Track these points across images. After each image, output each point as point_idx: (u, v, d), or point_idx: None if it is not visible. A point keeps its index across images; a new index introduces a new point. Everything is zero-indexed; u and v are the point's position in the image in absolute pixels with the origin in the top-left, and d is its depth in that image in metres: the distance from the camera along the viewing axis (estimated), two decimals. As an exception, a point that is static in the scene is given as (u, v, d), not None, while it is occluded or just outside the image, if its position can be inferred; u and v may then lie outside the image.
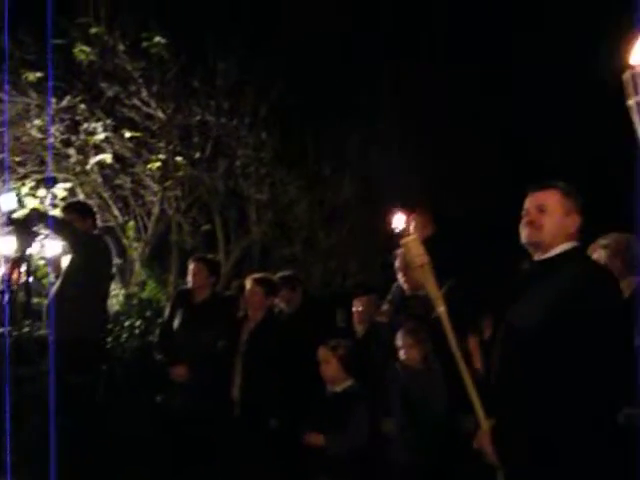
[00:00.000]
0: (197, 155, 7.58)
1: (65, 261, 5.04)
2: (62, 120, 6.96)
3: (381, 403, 3.82)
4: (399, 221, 2.57)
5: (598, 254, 3.01)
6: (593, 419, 2.08)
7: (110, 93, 7.13)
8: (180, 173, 7.49)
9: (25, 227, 5.21)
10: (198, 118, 7.54)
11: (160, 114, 7.34)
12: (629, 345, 2.14)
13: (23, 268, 5.38)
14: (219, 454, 4.47)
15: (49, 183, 6.55)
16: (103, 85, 7.09)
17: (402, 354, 3.75)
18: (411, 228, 4.65)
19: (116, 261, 6.95)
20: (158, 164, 7.29)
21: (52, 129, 6.95)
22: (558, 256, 2.31)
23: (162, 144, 7.37)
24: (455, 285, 3.64)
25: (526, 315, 2.27)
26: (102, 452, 4.52)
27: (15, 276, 5.32)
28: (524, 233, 2.38)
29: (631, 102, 1.73)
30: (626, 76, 1.74)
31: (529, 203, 2.39)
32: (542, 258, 2.36)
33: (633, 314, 2.46)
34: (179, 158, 7.44)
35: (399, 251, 3.90)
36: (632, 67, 1.73)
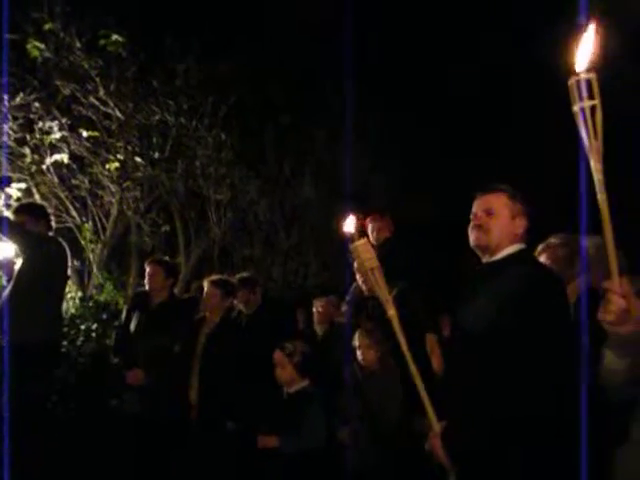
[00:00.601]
0: (156, 155, 7.48)
1: (18, 264, 4.92)
2: (15, 118, 6.78)
3: (339, 404, 3.84)
4: (350, 224, 2.58)
5: (544, 256, 3.06)
6: (540, 417, 2.12)
7: (66, 91, 6.97)
8: (139, 174, 7.38)
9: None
10: (157, 118, 7.44)
11: (118, 113, 7.21)
12: (572, 343, 2.18)
13: (-26, 271, 5.22)
14: (176, 457, 4.44)
15: (3, 183, 6.38)
16: (59, 83, 6.93)
17: (359, 354, 3.78)
18: (368, 231, 4.70)
19: (73, 263, 6.82)
20: (116, 164, 7.17)
21: (5, 127, 6.77)
22: (505, 258, 2.36)
23: (120, 144, 7.24)
24: (407, 287, 3.67)
25: (474, 317, 2.31)
26: (57, 458, 4.42)
27: (-35, 279, 5.16)
28: (472, 236, 2.42)
29: (576, 108, 1.77)
30: (570, 82, 1.77)
31: (477, 207, 2.43)
32: (490, 261, 2.40)
33: (576, 316, 2.51)
34: (138, 158, 7.33)
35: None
36: (576, 74, 1.77)
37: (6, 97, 6.66)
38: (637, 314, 1.68)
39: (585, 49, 1.72)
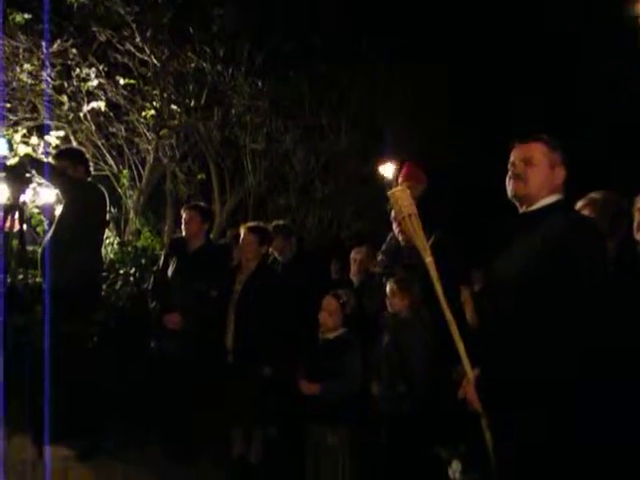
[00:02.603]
0: (192, 103, 7.47)
1: (59, 209, 5.02)
2: (53, 65, 6.81)
3: (373, 354, 3.87)
4: (388, 171, 2.56)
5: (587, 210, 3.00)
6: (577, 364, 2.11)
7: (102, 38, 6.96)
8: (175, 121, 7.40)
9: (18, 174, 5.16)
10: (193, 65, 7.39)
11: (154, 60, 7.19)
12: (606, 295, 2.15)
13: (16, 216, 5.33)
14: (213, 400, 4.56)
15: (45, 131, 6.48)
16: (95, 29, 6.91)
17: (389, 303, 3.79)
18: (401, 179, 4.65)
19: (111, 210, 6.94)
20: (152, 112, 7.20)
21: (44, 74, 6.81)
22: (543, 208, 2.32)
23: (156, 91, 7.25)
24: (443, 236, 3.65)
25: (511, 265, 2.29)
26: (96, 400, 4.59)
27: (8, 224, 5.28)
28: (510, 186, 2.38)
29: None
30: None
31: (515, 156, 2.39)
32: (528, 210, 2.36)
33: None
34: (174, 106, 7.34)
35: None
36: None
37: (44, 44, 6.69)
38: None
39: None
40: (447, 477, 3.29)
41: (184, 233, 4.80)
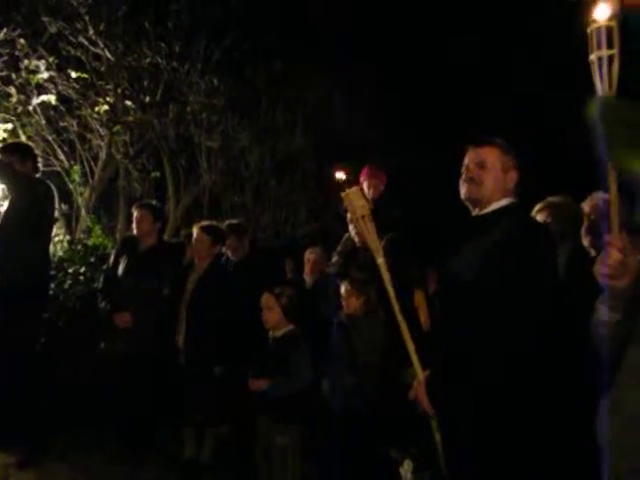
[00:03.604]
0: (147, 99, 7.32)
1: (5, 205, 4.87)
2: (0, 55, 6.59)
3: (326, 354, 3.88)
4: (342, 173, 2.56)
5: (543, 214, 3.07)
6: (526, 366, 2.15)
7: (53, 29, 6.76)
8: (129, 117, 7.24)
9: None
10: (148, 61, 7.25)
11: (108, 55, 7.02)
12: (552, 298, 2.20)
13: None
14: (164, 400, 4.50)
15: None
16: (45, 19, 6.71)
17: (344, 303, 3.80)
18: (363, 183, 4.69)
19: (61, 207, 6.76)
20: (106, 107, 7.03)
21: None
22: (495, 211, 2.37)
23: (110, 86, 7.08)
24: (397, 238, 3.68)
25: (463, 268, 2.32)
26: (41, 403, 4.46)
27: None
28: (464, 189, 2.41)
29: (592, 57, 1.76)
30: (590, 30, 1.76)
31: (469, 159, 2.42)
32: (480, 213, 2.40)
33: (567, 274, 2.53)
34: (128, 102, 7.18)
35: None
36: (596, 21, 1.75)
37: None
38: (633, 269, 1.71)
39: None
40: (398, 477, 3.31)
41: (135, 232, 4.73)
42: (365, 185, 4.69)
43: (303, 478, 3.68)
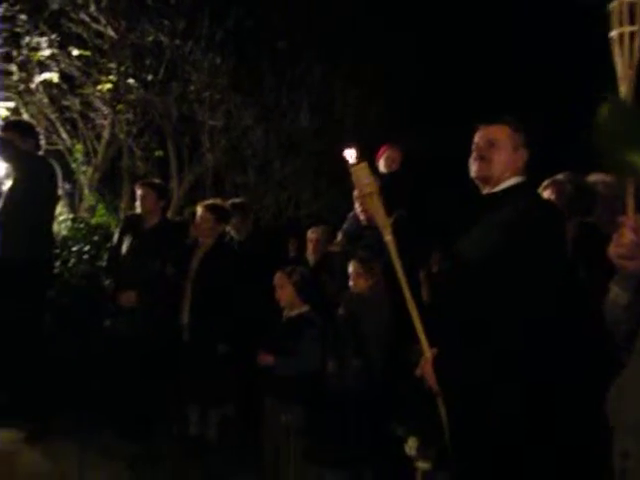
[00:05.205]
0: (150, 78, 7.27)
1: (8, 183, 4.86)
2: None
3: (332, 332, 3.88)
4: (351, 153, 2.54)
5: (549, 191, 3.04)
6: (535, 340, 2.15)
7: (55, 6, 6.69)
8: (132, 96, 7.19)
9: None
10: (151, 39, 7.19)
11: (111, 32, 6.95)
12: (561, 277, 2.20)
13: (-37, 190, 5.15)
14: (168, 379, 4.52)
15: None
16: (46, -5, 6.65)
17: (351, 282, 3.80)
18: (381, 161, 4.68)
19: (64, 186, 6.74)
20: (109, 86, 6.96)
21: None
22: (505, 190, 2.36)
23: (113, 64, 7.01)
24: (404, 215, 3.65)
25: (473, 246, 2.31)
26: (48, 380, 4.49)
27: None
28: (474, 167, 2.40)
29: (614, 34, 1.73)
30: (613, 5, 1.73)
31: (479, 137, 2.41)
32: (490, 192, 2.39)
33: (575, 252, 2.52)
34: (131, 80, 7.12)
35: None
36: None
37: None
38: None
39: None
40: (404, 454, 3.33)
41: (139, 210, 4.72)
42: (381, 162, 4.69)
43: (306, 458, 3.69)
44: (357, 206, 4.23)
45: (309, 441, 3.68)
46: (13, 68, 6.59)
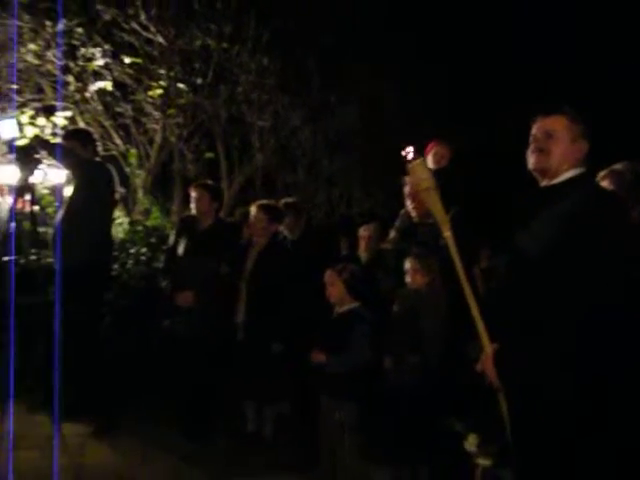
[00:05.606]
0: (199, 81, 7.41)
1: (68, 189, 5.03)
2: (58, 45, 6.74)
3: (388, 329, 3.87)
4: (409, 151, 2.54)
5: (607, 181, 2.98)
6: (597, 335, 2.11)
7: (107, 17, 6.90)
8: (182, 100, 7.34)
9: (28, 155, 5.18)
10: (199, 43, 7.33)
11: (160, 39, 7.13)
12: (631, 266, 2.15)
13: (27, 197, 5.37)
14: (226, 376, 4.61)
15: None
16: (99, 7, 6.85)
17: (408, 278, 3.78)
18: (429, 157, 4.65)
19: (119, 190, 6.94)
20: (159, 91, 7.14)
21: (49, 54, 6.77)
22: (565, 182, 2.31)
23: (163, 70, 7.18)
24: (461, 211, 3.63)
25: (533, 241, 2.28)
26: (110, 378, 4.64)
27: (20, 205, 5.32)
28: (532, 159, 2.36)
29: None
30: None
31: (537, 129, 2.37)
32: (549, 184, 2.35)
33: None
34: (181, 85, 7.28)
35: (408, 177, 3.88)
36: None
37: (48, 24, 6.64)
38: None
39: None
40: (464, 451, 3.31)
41: (194, 211, 4.81)
42: (429, 158, 4.66)
43: (361, 455, 3.70)
44: (408, 203, 4.24)
45: (364, 438, 3.68)
46: (70, 79, 6.82)
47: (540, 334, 2.16)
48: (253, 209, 4.62)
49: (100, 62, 6.85)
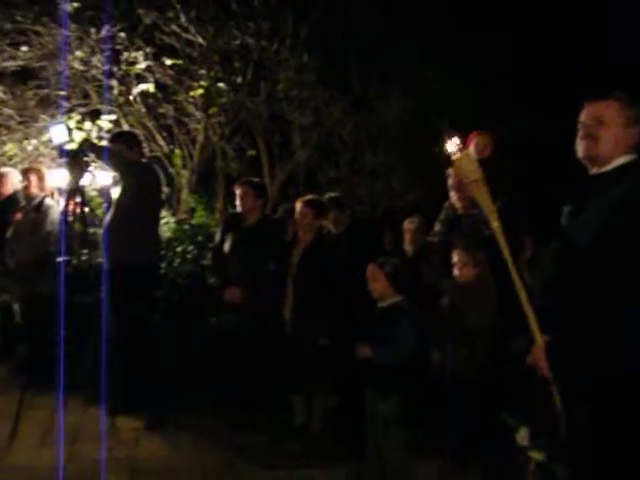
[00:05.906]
0: (239, 80, 7.47)
1: (116, 191, 5.15)
2: (102, 51, 6.91)
3: (436, 322, 3.85)
4: (454, 142, 2.51)
5: None
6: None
7: (148, 20, 7.02)
8: (223, 99, 7.41)
9: (77, 159, 5.33)
10: (238, 42, 7.39)
11: (200, 40, 7.22)
12: None
13: (78, 199, 5.52)
14: (274, 371, 4.66)
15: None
16: (140, 12, 6.98)
17: (456, 271, 3.75)
18: (471, 148, 4.60)
19: (164, 190, 7.07)
20: (200, 91, 7.23)
21: (94, 60, 6.95)
22: (616, 169, 2.25)
23: (203, 70, 7.27)
24: (508, 202, 3.59)
25: (584, 229, 2.23)
26: (161, 374, 4.75)
27: (71, 207, 5.47)
28: (581, 146, 2.31)
29: None
30: None
31: (585, 115, 2.31)
32: (600, 172, 2.29)
33: None
34: (221, 84, 7.35)
35: (452, 170, 3.85)
36: None
37: (93, 30, 6.81)
38: None
39: None
40: (515, 445, 3.28)
41: (239, 209, 4.86)
42: (470, 149, 4.61)
43: (409, 448, 3.68)
44: (452, 195, 4.21)
45: (409, 431, 3.67)
46: (114, 83, 6.98)
47: (592, 324, 2.12)
48: (298, 205, 4.64)
49: (142, 65, 6.98)
